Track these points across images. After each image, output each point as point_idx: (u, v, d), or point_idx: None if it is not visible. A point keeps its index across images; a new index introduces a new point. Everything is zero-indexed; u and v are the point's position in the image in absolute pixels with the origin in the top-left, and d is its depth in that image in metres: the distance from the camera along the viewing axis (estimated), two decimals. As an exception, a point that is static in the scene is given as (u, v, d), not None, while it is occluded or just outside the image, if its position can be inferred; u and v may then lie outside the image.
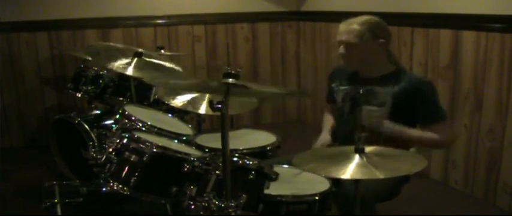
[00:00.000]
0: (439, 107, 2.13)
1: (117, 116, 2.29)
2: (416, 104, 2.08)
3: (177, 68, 2.98)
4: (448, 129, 2.18)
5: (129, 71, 2.69)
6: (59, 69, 4.23)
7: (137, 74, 2.74)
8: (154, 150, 1.92)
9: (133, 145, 1.94)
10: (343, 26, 2.15)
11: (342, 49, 2.16)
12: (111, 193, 1.92)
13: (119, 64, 2.73)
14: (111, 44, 3.16)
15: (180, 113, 2.89)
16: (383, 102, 2.11)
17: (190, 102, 2.58)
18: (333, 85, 2.36)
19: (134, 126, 2.22)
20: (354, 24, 2.12)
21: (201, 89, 2.21)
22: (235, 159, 1.81)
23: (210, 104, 1.60)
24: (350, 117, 2.24)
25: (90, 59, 3.35)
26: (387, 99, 2.10)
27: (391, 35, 2.19)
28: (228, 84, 1.62)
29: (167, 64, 2.97)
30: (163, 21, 4.39)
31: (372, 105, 2.13)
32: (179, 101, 2.61)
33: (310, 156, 1.73)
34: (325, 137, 2.31)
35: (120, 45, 3.11)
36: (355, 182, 1.62)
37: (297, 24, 4.81)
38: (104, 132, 2.63)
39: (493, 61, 2.84)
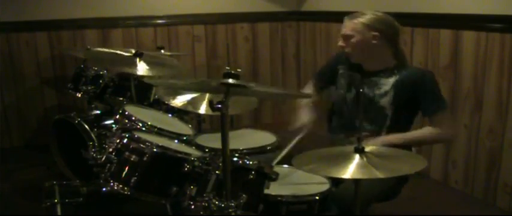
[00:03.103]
0: (439, 97, 2.16)
1: (117, 116, 2.29)
2: (418, 94, 2.13)
3: (176, 63, 3.00)
4: (449, 121, 2.21)
5: (130, 71, 2.70)
6: (59, 69, 4.23)
7: (137, 74, 2.74)
8: (155, 150, 1.92)
9: (133, 145, 1.94)
10: (344, 21, 2.23)
11: (340, 41, 2.24)
12: (111, 193, 1.92)
13: (119, 65, 2.74)
14: (109, 50, 3.17)
15: (180, 113, 2.89)
16: (386, 91, 2.17)
17: (190, 102, 2.58)
18: (339, 67, 2.37)
19: (134, 126, 2.22)
20: (352, 18, 2.20)
21: (201, 89, 2.21)
22: (235, 159, 1.81)
23: (210, 104, 1.60)
24: (353, 106, 2.28)
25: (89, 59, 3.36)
26: (389, 89, 2.16)
27: (396, 31, 2.22)
28: (228, 84, 1.62)
29: (167, 61, 2.98)
30: (163, 21, 4.39)
31: (375, 95, 2.18)
32: (179, 101, 2.61)
33: (310, 156, 1.73)
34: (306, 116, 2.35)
35: (118, 51, 3.13)
36: (355, 182, 1.62)
37: (297, 24, 4.81)
38: (104, 132, 2.63)
39: (493, 61, 2.84)
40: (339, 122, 2.36)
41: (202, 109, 2.51)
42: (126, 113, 2.28)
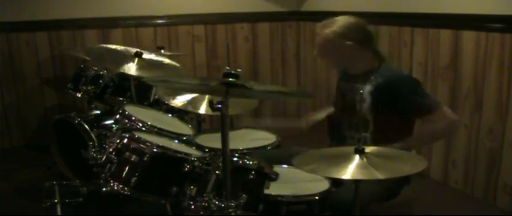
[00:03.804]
0: (424, 99, 2.09)
1: (117, 116, 2.29)
2: (394, 100, 2.07)
3: (176, 64, 3.00)
4: (445, 114, 2.12)
5: (130, 71, 2.70)
6: (59, 69, 4.23)
7: (138, 74, 2.74)
8: (155, 150, 1.92)
9: (133, 145, 1.94)
10: (316, 29, 2.20)
11: (315, 51, 2.23)
12: (111, 193, 1.92)
13: (119, 64, 2.74)
14: (111, 46, 3.17)
15: (180, 113, 2.90)
16: (363, 99, 2.11)
17: (190, 102, 2.59)
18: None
19: (134, 126, 2.23)
20: (324, 28, 2.16)
21: (201, 89, 2.22)
22: (235, 159, 1.81)
23: (210, 104, 1.60)
24: (339, 115, 2.30)
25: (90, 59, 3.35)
26: (366, 96, 2.12)
27: (369, 35, 2.18)
28: (228, 84, 1.62)
29: (167, 60, 2.98)
30: (163, 21, 4.39)
31: (357, 101, 2.15)
32: (179, 101, 2.62)
33: (310, 156, 1.73)
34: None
35: (119, 47, 3.12)
36: (354, 182, 1.62)
37: (297, 24, 4.81)
38: (104, 132, 2.63)
39: (493, 61, 2.84)
40: (334, 131, 2.37)
41: (202, 109, 2.52)
42: (126, 113, 2.29)
